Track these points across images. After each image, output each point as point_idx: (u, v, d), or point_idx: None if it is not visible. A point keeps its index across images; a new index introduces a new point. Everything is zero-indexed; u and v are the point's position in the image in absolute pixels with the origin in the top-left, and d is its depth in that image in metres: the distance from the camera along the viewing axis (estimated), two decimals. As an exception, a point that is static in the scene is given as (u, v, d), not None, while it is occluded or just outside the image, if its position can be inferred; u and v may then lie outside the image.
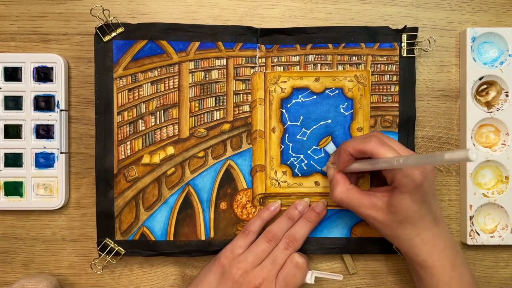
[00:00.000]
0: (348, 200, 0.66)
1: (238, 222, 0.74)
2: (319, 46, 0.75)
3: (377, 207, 0.64)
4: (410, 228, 0.64)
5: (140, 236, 0.74)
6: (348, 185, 0.68)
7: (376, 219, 0.65)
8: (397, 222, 0.63)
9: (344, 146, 0.66)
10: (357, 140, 0.65)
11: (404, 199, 0.62)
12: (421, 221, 0.63)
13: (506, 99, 0.74)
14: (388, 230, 0.65)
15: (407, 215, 0.62)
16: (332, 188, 0.69)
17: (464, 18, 0.76)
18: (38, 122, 0.74)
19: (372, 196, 0.65)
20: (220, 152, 0.74)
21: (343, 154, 0.66)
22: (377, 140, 0.63)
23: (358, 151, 0.64)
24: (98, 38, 0.73)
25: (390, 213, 0.63)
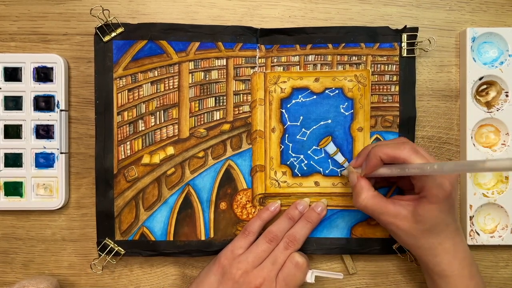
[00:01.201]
0: (373, 208, 0.66)
1: (238, 222, 0.74)
2: (319, 46, 0.75)
3: (401, 215, 0.64)
4: (434, 237, 0.64)
5: (140, 236, 0.74)
6: (373, 191, 0.67)
7: (400, 227, 0.64)
8: (421, 231, 0.63)
9: (374, 151, 0.65)
10: (389, 145, 0.64)
11: (432, 209, 0.62)
12: (445, 230, 0.64)
13: (506, 99, 0.74)
14: (411, 239, 0.65)
15: (433, 224, 0.63)
16: (357, 194, 0.68)
17: (464, 18, 0.76)
18: (38, 122, 0.74)
19: (397, 205, 0.65)
20: (220, 152, 0.74)
21: (373, 158, 0.65)
22: (411, 147, 0.62)
23: (390, 157, 0.63)
24: (98, 38, 0.73)
25: (415, 222, 0.63)
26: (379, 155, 0.64)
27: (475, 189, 0.74)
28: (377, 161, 0.65)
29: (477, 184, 0.75)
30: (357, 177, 0.68)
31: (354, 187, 0.69)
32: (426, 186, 0.62)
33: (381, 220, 0.66)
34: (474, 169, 0.51)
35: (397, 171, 0.63)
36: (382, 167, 0.66)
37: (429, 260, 0.65)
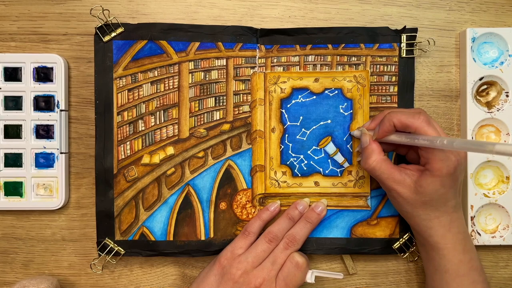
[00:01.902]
0: (381, 171, 0.66)
1: (238, 222, 0.74)
2: (319, 46, 0.75)
3: (405, 183, 0.64)
4: (432, 209, 0.65)
5: (140, 236, 0.74)
6: (383, 155, 0.67)
7: (401, 195, 0.65)
8: (421, 202, 0.64)
9: (389, 116, 0.65)
10: (404, 113, 0.65)
11: (434, 182, 0.62)
12: (444, 205, 0.64)
13: (507, 99, 0.74)
14: (409, 207, 0.66)
15: (432, 197, 0.63)
16: (367, 155, 0.68)
17: (464, 18, 0.76)
18: (38, 122, 0.74)
19: (402, 172, 0.65)
20: (220, 152, 0.74)
21: (387, 123, 0.65)
22: (425, 117, 0.63)
23: (403, 124, 0.64)
24: (98, 38, 0.73)
25: (416, 193, 0.64)
26: (393, 121, 0.65)
27: (476, 190, 0.74)
28: (390, 126, 0.65)
29: (478, 185, 0.75)
30: (369, 139, 0.69)
31: (365, 148, 0.69)
32: (431, 159, 0.62)
33: (385, 184, 0.66)
34: (483, 150, 0.52)
35: (407, 140, 0.64)
36: (393, 133, 0.66)
37: (424, 231, 0.66)
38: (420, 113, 0.64)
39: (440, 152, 0.61)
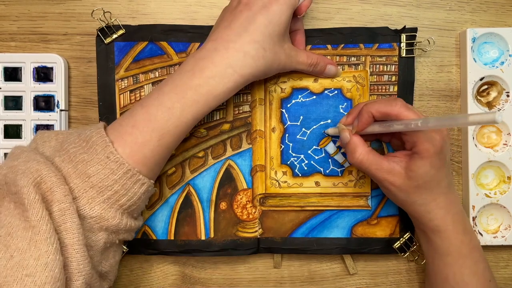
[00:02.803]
0: (368, 163, 0.65)
1: (238, 223, 0.74)
2: (318, 47, 0.74)
3: (395, 171, 0.64)
4: (427, 193, 0.64)
5: (142, 235, 0.74)
6: (367, 147, 0.66)
7: (393, 183, 0.64)
8: (414, 187, 0.64)
9: (366, 108, 0.65)
10: (381, 102, 0.64)
11: (424, 164, 0.62)
12: (437, 186, 0.64)
13: (507, 99, 0.74)
14: (403, 195, 0.65)
15: (425, 180, 0.63)
16: (352, 151, 0.67)
17: (464, 18, 0.76)
18: (38, 122, 0.74)
19: (391, 161, 0.65)
20: (220, 152, 0.74)
21: (365, 115, 0.65)
22: (402, 103, 0.63)
23: (382, 113, 0.63)
24: (99, 40, 0.73)
25: (408, 178, 0.63)
26: (371, 112, 0.64)
27: (478, 190, 0.74)
28: (369, 117, 0.65)
29: (480, 185, 0.75)
30: (349, 134, 0.68)
31: (348, 144, 0.67)
32: (417, 142, 0.62)
33: (376, 176, 0.66)
34: (457, 123, 0.52)
35: (382, 128, 0.64)
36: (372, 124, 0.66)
37: (423, 216, 0.66)
38: (396, 99, 0.64)
39: (424, 133, 0.61)
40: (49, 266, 0.50)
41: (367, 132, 0.67)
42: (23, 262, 0.50)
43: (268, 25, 0.62)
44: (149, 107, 0.60)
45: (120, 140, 0.58)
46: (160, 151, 0.61)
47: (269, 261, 0.77)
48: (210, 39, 0.64)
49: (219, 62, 0.61)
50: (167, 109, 0.60)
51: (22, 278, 0.49)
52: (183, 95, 0.60)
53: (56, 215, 0.53)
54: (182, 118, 0.60)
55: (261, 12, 0.62)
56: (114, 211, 0.58)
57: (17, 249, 0.50)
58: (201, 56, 0.62)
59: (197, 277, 0.77)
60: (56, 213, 0.53)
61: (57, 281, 0.50)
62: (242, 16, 0.62)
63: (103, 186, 0.56)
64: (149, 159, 0.60)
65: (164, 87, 0.61)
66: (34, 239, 0.50)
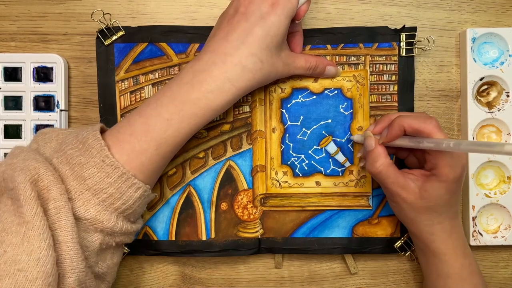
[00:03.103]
0: (386, 175, 0.65)
1: (239, 223, 0.74)
2: (318, 47, 0.74)
3: (409, 188, 0.64)
4: (435, 215, 0.64)
5: (144, 236, 0.74)
6: (389, 159, 0.66)
7: (405, 200, 0.64)
8: (425, 207, 0.64)
9: (400, 121, 0.64)
10: (415, 117, 0.64)
11: (440, 188, 0.62)
12: (447, 211, 0.64)
13: (507, 99, 0.74)
14: (412, 212, 0.65)
15: (437, 203, 0.63)
16: (374, 159, 0.66)
17: (464, 18, 0.76)
18: (38, 122, 0.74)
19: (407, 178, 0.64)
20: (220, 152, 0.74)
21: (396, 127, 0.64)
22: (436, 123, 0.62)
23: (415, 130, 0.63)
24: (99, 41, 0.73)
25: (421, 198, 0.63)
26: (403, 126, 0.64)
27: (478, 190, 0.74)
28: (400, 131, 0.64)
29: (480, 185, 0.75)
30: (375, 142, 0.67)
31: (371, 152, 0.67)
32: (439, 164, 0.62)
33: (389, 189, 0.65)
34: (492, 150, 0.52)
35: (412, 144, 0.63)
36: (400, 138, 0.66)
37: (426, 237, 0.66)
38: (431, 117, 0.63)
39: (448, 158, 0.61)
40: (41, 262, 0.50)
41: (395, 144, 0.66)
42: (15, 257, 0.50)
43: (265, 37, 0.62)
44: (147, 117, 0.61)
45: (118, 147, 0.59)
46: (157, 159, 0.61)
47: (269, 261, 0.77)
48: (208, 50, 0.63)
49: (218, 76, 0.61)
50: (165, 120, 0.60)
51: (14, 273, 0.49)
52: (181, 107, 0.60)
53: (52, 212, 0.53)
54: (180, 129, 0.61)
55: (258, 23, 0.61)
56: (109, 214, 0.58)
57: (10, 244, 0.51)
58: (200, 68, 0.62)
59: (197, 277, 0.77)
60: (52, 210, 0.53)
61: (49, 277, 0.51)
62: (239, 27, 0.62)
63: (98, 188, 0.57)
64: (146, 166, 0.60)
65: (162, 97, 0.61)
66: (28, 235, 0.51)
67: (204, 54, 0.63)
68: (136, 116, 0.61)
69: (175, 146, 0.62)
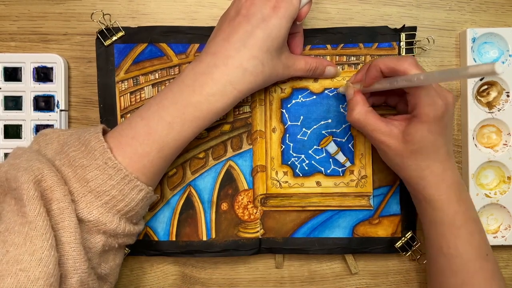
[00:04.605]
0: (365, 122, 0.64)
1: (240, 223, 0.74)
2: (318, 47, 0.74)
3: (392, 134, 0.63)
4: (422, 158, 0.63)
5: (144, 236, 0.74)
6: (367, 107, 0.66)
7: (389, 146, 0.64)
8: (410, 151, 0.63)
9: (376, 63, 0.63)
10: (391, 58, 0.64)
11: (422, 129, 0.61)
12: (434, 153, 0.63)
13: (507, 99, 0.74)
14: (399, 158, 0.64)
15: (422, 145, 0.62)
16: (351, 108, 0.66)
17: (464, 18, 0.77)
18: (38, 122, 0.74)
19: (389, 123, 0.64)
20: (221, 152, 0.74)
21: (373, 70, 0.64)
22: (413, 60, 0.61)
23: (391, 69, 0.62)
24: (99, 42, 0.73)
25: (404, 142, 0.63)
26: (379, 66, 0.63)
27: (478, 190, 0.74)
28: (377, 72, 0.63)
29: (480, 185, 0.75)
30: (353, 91, 0.67)
31: (349, 101, 0.67)
32: (418, 104, 0.61)
33: (372, 136, 0.65)
34: (458, 76, 0.52)
35: (388, 85, 0.63)
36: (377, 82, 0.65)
37: (416, 183, 0.65)
38: (407, 56, 0.63)
39: (427, 97, 0.60)
40: (43, 262, 0.50)
41: (373, 89, 0.66)
42: (18, 257, 0.50)
43: (267, 39, 0.62)
44: (149, 119, 0.61)
45: (120, 150, 0.59)
46: (159, 162, 0.61)
47: (269, 261, 0.77)
48: (209, 52, 0.63)
49: (219, 79, 0.61)
50: (167, 123, 0.60)
51: (16, 273, 0.50)
52: (183, 111, 0.60)
53: (55, 213, 0.54)
54: (182, 132, 0.61)
55: (260, 26, 0.61)
56: (112, 216, 0.58)
57: (13, 244, 0.51)
58: (201, 70, 0.62)
59: (197, 277, 0.77)
60: (55, 211, 0.54)
61: (51, 277, 0.51)
62: (240, 29, 0.62)
63: (101, 191, 0.57)
64: (148, 169, 0.61)
65: (164, 100, 0.61)
66: (30, 235, 0.51)
67: (205, 56, 0.63)
68: (137, 118, 0.61)
69: (177, 148, 0.62)
